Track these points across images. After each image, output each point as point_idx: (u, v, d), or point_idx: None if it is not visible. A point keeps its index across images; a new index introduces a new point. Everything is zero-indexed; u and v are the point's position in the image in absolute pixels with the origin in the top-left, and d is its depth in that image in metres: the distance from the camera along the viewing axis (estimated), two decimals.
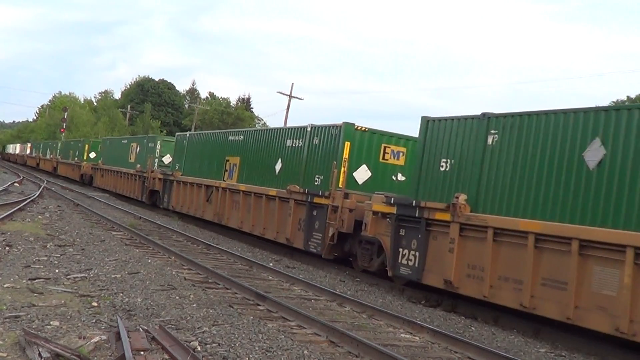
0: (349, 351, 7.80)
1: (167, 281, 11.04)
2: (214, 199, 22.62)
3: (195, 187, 24.53)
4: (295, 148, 18.15)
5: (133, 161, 34.26)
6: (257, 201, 19.39)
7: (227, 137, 23.50)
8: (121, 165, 36.29)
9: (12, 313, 7.62)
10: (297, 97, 56.44)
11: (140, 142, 34.79)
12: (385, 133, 16.59)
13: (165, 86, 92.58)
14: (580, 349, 9.58)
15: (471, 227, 11.44)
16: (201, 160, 25.30)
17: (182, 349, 6.73)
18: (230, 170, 22.35)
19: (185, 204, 25.55)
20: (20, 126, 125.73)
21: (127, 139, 39.23)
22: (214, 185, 22.76)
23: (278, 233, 18.03)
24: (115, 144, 41.18)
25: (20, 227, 16.07)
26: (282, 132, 19.42)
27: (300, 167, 17.61)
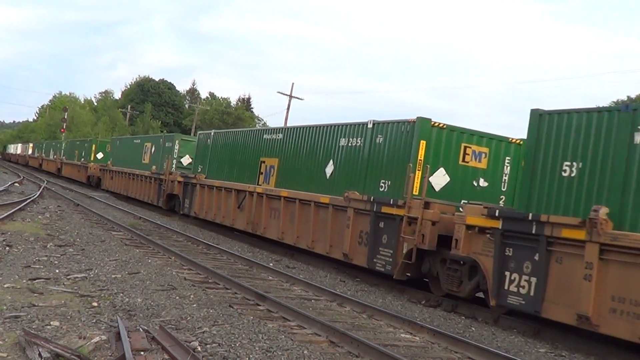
0: (349, 351, 7.80)
1: (167, 281, 11.04)
2: (246, 206, 19.85)
3: (224, 192, 21.60)
4: (352, 148, 15.58)
5: (147, 162, 31.69)
6: (304, 209, 16.66)
7: (262, 135, 20.73)
8: (133, 167, 33.60)
9: (12, 313, 7.62)
10: (297, 97, 56.49)
11: (155, 141, 31.89)
12: (465, 130, 14.27)
13: (165, 86, 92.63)
14: (580, 349, 9.58)
15: (617, 248, 9.08)
16: (230, 162, 22.61)
17: (182, 349, 6.73)
18: (267, 174, 19.68)
19: (210, 211, 22.67)
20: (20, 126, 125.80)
21: (140, 139, 36.34)
22: (246, 190, 19.98)
23: (332, 247, 15.35)
24: (126, 144, 38.53)
25: (20, 227, 16.07)
26: (333, 129, 16.65)
27: (360, 170, 15.16)
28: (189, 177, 24.91)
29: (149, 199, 29.83)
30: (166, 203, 27.50)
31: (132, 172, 33.39)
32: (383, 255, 13.61)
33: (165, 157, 28.15)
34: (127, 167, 34.68)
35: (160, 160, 29.27)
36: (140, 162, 32.88)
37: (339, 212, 15.23)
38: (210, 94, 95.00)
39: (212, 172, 23.78)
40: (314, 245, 16.06)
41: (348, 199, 14.68)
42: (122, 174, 35.38)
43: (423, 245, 12.47)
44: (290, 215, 17.39)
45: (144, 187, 31.01)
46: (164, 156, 28.91)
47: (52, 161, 60.42)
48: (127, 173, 34.22)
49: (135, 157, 34.13)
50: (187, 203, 24.90)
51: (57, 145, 61.36)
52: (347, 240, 14.70)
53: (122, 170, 35.37)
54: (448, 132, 13.92)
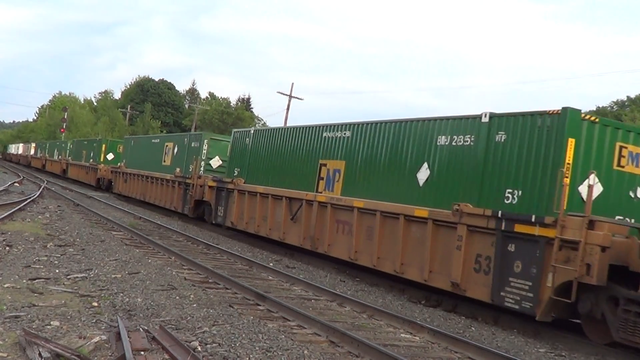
0: (349, 351, 7.80)
1: (168, 281, 11.04)
2: (303, 217, 16.51)
3: (271, 200, 18.27)
4: (458, 148, 12.40)
5: (169, 164, 28.31)
6: (388, 224, 13.47)
7: (321, 133, 17.13)
8: (152, 169, 30.07)
9: (12, 313, 7.63)
10: (297, 97, 56.47)
11: (178, 141, 28.35)
12: (620, 126, 11.60)
13: (165, 86, 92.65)
14: (580, 349, 9.58)
15: None
16: (278, 165, 19.19)
17: (182, 349, 6.73)
18: (329, 179, 16.36)
19: (252, 222, 19.40)
20: (20, 126, 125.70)
21: (159, 138, 32.56)
22: (303, 198, 16.61)
23: (432, 273, 12.17)
24: (142, 144, 34.81)
25: (20, 227, 16.07)
26: (427, 125, 13.38)
27: (471, 176, 12.00)
28: (223, 181, 21.63)
29: (172, 206, 26.36)
30: (193, 211, 24.15)
31: (150, 175, 29.76)
32: (516, 288, 10.50)
33: (192, 159, 24.76)
34: (144, 170, 31.22)
35: (185, 162, 25.99)
36: (160, 163, 29.52)
37: (443, 230, 11.99)
38: (210, 94, 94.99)
39: (253, 177, 20.41)
40: (403, 270, 12.89)
41: (459, 213, 11.45)
42: (138, 176, 31.81)
43: (589, 279, 9.33)
44: (366, 230, 14.18)
45: (165, 192, 27.44)
46: (189, 157, 25.59)
47: (56, 162, 57.27)
48: (144, 176, 30.66)
49: (153, 159, 30.67)
50: (221, 211, 21.59)
51: (62, 145, 58.26)
52: (457, 266, 11.47)
53: (138, 173, 31.81)
54: (601, 127, 11.04)
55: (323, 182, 16.66)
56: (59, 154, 57.54)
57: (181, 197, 25.42)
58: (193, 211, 24.18)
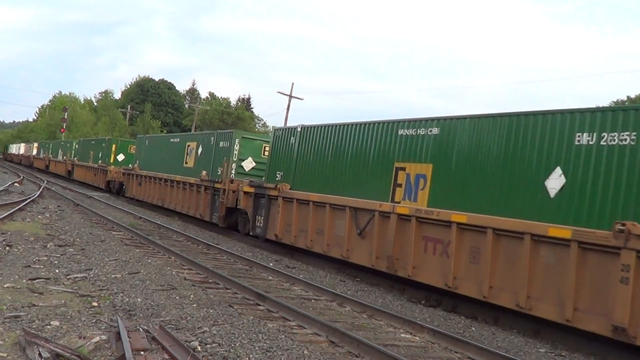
0: (349, 351, 7.80)
1: (167, 281, 11.04)
2: (375, 232, 13.62)
3: (329, 210, 15.27)
4: (611, 149, 9.58)
5: (191, 166, 25.41)
6: (504, 245, 10.80)
7: (396, 131, 14.00)
8: (171, 172, 27.27)
9: (12, 313, 7.63)
10: (297, 97, 56.49)
11: (203, 140, 25.16)
12: None
13: (165, 86, 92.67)
14: (580, 349, 9.58)
15: None
16: (334, 169, 15.92)
17: (182, 349, 6.73)
18: (410, 187, 13.30)
19: (303, 235, 16.43)
20: (20, 126, 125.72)
21: (179, 137, 29.27)
22: (374, 209, 13.62)
23: (578, 311, 9.45)
24: (159, 144, 31.51)
25: (20, 227, 16.07)
26: (559, 120, 10.53)
27: (636, 185, 9.19)
28: (264, 187, 18.60)
29: (197, 213, 23.78)
30: (224, 219, 21.47)
31: (170, 179, 26.97)
32: None
33: (221, 161, 22.31)
34: (162, 172, 28.44)
35: (213, 164, 23.26)
36: (180, 165, 26.65)
37: (595, 255, 9.30)
38: (210, 94, 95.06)
39: (301, 182, 17.27)
40: (531, 305, 10.16)
41: (625, 235, 8.72)
42: (155, 180, 29.06)
43: None
44: (470, 252, 11.46)
45: (189, 198, 24.75)
46: (217, 159, 22.92)
47: (61, 163, 54.51)
48: (163, 179, 27.94)
49: (173, 160, 27.77)
50: (261, 222, 18.74)
51: (67, 145, 55.09)
52: (622, 305, 8.78)
53: (155, 176, 29.00)
54: None
55: (401, 190, 13.50)
56: (63, 155, 54.98)
57: (209, 203, 22.71)
58: (224, 220, 21.46)
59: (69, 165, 50.72)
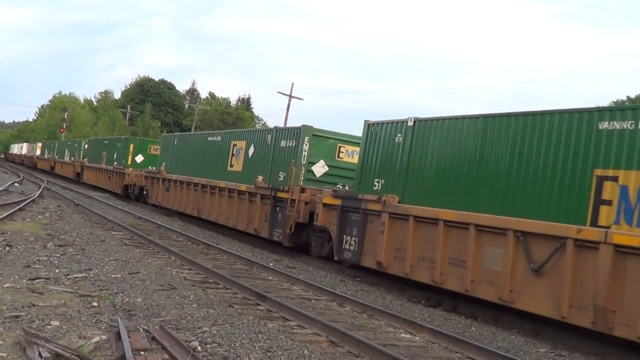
0: (349, 351, 7.80)
1: (167, 281, 11.04)
2: (565, 270, 9.67)
3: (474, 234, 11.27)
4: None
5: (240, 170, 21.22)
6: None
7: (594, 124, 9.80)
8: (211, 176, 23.15)
9: (12, 313, 7.63)
10: (297, 97, 56.45)
11: (256, 138, 20.71)
12: None
13: (165, 86, 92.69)
14: (580, 349, 9.58)
15: None
16: (475, 176, 11.82)
17: (182, 349, 6.73)
18: (630, 205, 9.17)
19: (425, 265, 12.39)
20: (20, 126, 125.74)
21: (220, 135, 24.32)
22: (564, 236, 9.69)
23: None
24: (192, 143, 26.85)
25: (20, 227, 16.07)
26: None
27: None
28: (357, 199, 14.41)
29: (250, 228, 19.51)
30: (291, 237, 17.39)
31: (210, 184, 22.65)
32: None
33: (283, 164, 18.37)
34: (198, 176, 24.25)
35: (272, 168, 19.06)
36: (224, 169, 22.52)
37: None
38: (210, 94, 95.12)
39: (416, 193, 13.05)
40: None
41: None
42: (189, 185, 24.78)
43: None
44: None
45: (238, 209, 20.49)
46: (278, 161, 18.80)
47: (68, 164, 50.50)
48: (200, 185, 23.60)
49: (213, 162, 23.65)
50: (352, 244, 14.52)
51: (75, 144, 51.00)
52: None
53: (190, 181, 24.67)
54: None
55: (610, 210, 9.36)
56: (71, 155, 50.97)
57: (268, 216, 18.53)
58: (290, 238, 17.35)
59: (77, 167, 46.88)
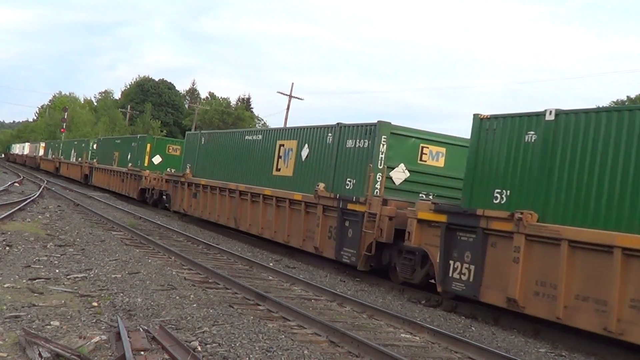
0: (349, 351, 7.80)
1: (167, 281, 11.04)
2: None
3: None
4: None
5: (290, 175, 17.93)
6: None
7: None
8: (252, 181, 19.86)
9: (12, 313, 7.63)
10: (297, 97, 56.47)
11: (311, 137, 17.17)
12: None
13: (165, 86, 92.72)
14: (580, 349, 9.58)
15: None
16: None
17: (182, 349, 6.73)
18: None
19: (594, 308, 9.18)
20: (20, 126, 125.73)
21: (262, 133, 21.08)
22: None
23: None
24: (226, 142, 22.97)
25: (20, 227, 16.07)
26: None
27: None
28: (470, 215, 11.25)
29: (310, 245, 16.16)
30: (367, 260, 14.03)
31: (251, 191, 19.32)
32: None
33: (350, 168, 15.15)
34: (234, 181, 20.85)
35: (335, 174, 15.71)
36: (268, 173, 19.17)
37: None
38: (210, 94, 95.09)
39: (567, 210, 9.97)
40: None
41: None
42: (223, 191, 21.37)
43: None
44: None
45: (289, 221, 17.23)
46: (345, 165, 15.40)
47: (75, 165, 47.35)
48: (238, 191, 20.15)
49: (253, 165, 20.29)
50: (465, 273, 11.42)
51: (82, 144, 47.86)
52: None
53: (224, 186, 21.22)
54: None
55: None
56: (78, 156, 47.80)
57: (333, 233, 15.24)
58: (366, 261, 14.00)
59: (85, 169, 43.32)
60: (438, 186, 14.75)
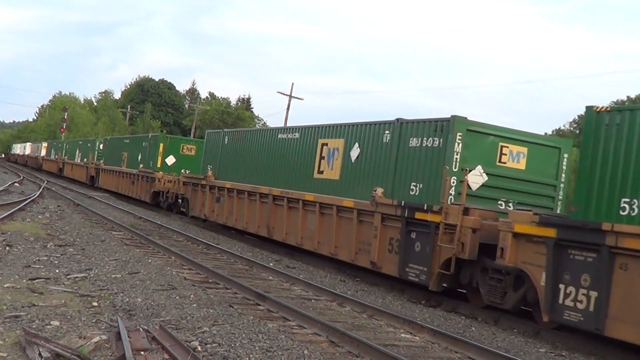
0: (349, 351, 7.80)
1: (168, 281, 11.04)
2: None
3: None
4: None
5: (336, 178, 15.67)
6: None
7: None
8: (285, 184, 17.77)
9: (12, 313, 7.63)
10: (297, 97, 56.45)
11: (363, 135, 14.97)
12: None
13: (165, 86, 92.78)
14: (580, 349, 9.57)
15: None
16: None
17: (182, 349, 6.73)
18: None
19: None
20: (20, 126, 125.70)
21: (299, 131, 18.08)
22: None
23: None
24: (253, 142, 20.67)
25: (20, 227, 16.07)
26: None
27: None
28: (591, 230, 9.30)
29: (365, 259, 13.96)
30: (441, 279, 12.01)
31: (288, 196, 17.14)
32: None
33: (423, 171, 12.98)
34: (268, 184, 18.60)
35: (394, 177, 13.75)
36: (309, 176, 16.93)
37: None
38: (210, 94, 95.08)
39: None
40: None
41: None
42: (253, 196, 19.17)
43: None
44: None
45: (338, 231, 15.02)
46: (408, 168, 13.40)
47: (80, 166, 45.45)
48: (272, 196, 17.94)
49: (290, 167, 17.97)
50: (582, 300, 9.40)
51: (88, 144, 45.89)
52: None
53: (255, 191, 19.03)
54: None
55: None
56: (83, 157, 45.87)
57: (396, 246, 13.10)
58: (438, 281, 12.00)
59: (92, 170, 41.24)
60: (519, 192, 12.99)
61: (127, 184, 33.51)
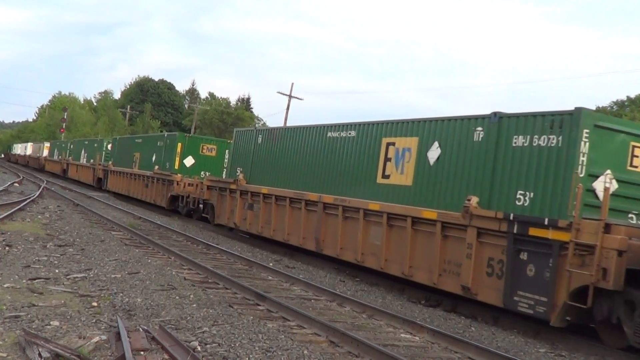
0: (349, 351, 7.80)
1: (167, 281, 11.04)
2: None
3: None
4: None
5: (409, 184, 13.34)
6: None
7: None
8: (338, 190, 15.37)
9: (12, 313, 7.63)
10: (297, 97, 56.45)
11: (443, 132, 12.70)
12: None
13: (165, 86, 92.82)
14: (580, 349, 9.57)
15: None
16: None
17: (182, 349, 6.73)
18: None
19: None
20: (20, 126, 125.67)
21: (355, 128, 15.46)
22: None
23: None
24: (295, 141, 18.13)
25: (20, 227, 16.06)
26: None
27: None
28: None
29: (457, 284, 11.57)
30: (567, 312, 9.64)
31: (344, 205, 14.81)
32: None
33: (534, 177, 10.64)
34: (317, 190, 16.18)
35: (491, 184, 11.45)
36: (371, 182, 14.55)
37: None
38: (210, 94, 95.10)
39: None
40: None
41: None
42: (297, 203, 16.83)
43: None
44: None
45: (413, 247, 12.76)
46: (512, 172, 11.05)
47: (86, 167, 43.23)
48: (323, 204, 15.58)
49: (345, 171, 15.57)
50: None
51: (95, 144, 43.81)
52: None
53: (299, 197, 16.65)
54: None
55: None
56: (89, 157, 43.70)
57: (498, 269, 10.84)
58: (565, 312, 9.65)
59: (99, 172, 39.01)
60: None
61: (139, 187, 30.96)
